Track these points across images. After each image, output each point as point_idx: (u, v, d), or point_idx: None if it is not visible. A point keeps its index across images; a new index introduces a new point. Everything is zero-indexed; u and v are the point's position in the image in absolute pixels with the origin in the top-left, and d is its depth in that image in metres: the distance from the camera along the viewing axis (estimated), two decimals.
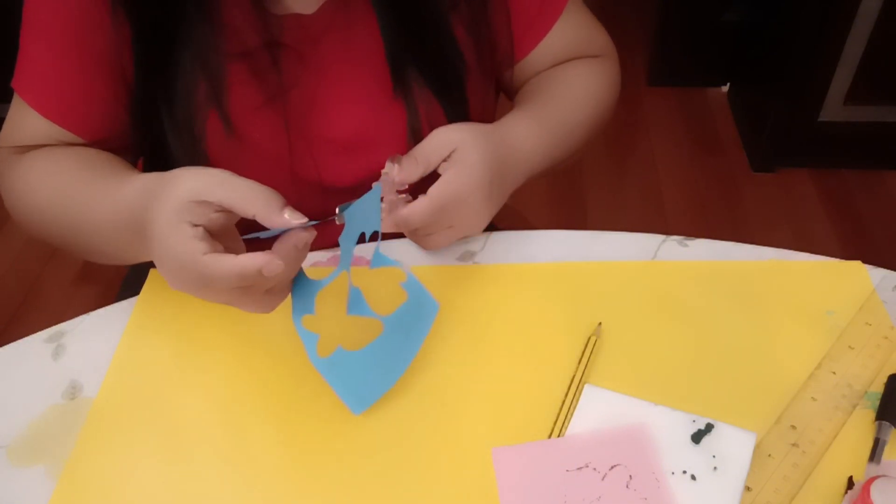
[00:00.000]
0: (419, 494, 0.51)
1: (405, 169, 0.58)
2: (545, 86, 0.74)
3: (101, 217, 0.58)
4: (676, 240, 0.68)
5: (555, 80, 0.74)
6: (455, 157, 0.59)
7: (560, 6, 0.73)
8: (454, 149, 0.60)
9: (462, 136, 0.60)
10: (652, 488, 0.50)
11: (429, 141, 0.60)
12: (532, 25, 0.73)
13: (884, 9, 1.60)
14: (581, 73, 0.75)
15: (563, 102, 0.72)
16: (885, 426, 0.53)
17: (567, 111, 0.72)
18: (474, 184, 0.59)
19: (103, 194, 0.59)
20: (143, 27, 0.62)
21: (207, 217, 0.49)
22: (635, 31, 2.40)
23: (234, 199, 0.49)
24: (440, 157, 0.60)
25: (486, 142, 0.61)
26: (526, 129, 0.67)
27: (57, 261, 1.75)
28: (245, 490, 0.52)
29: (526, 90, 0.75)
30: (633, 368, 0.58)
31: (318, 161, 0.68)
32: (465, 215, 0.61)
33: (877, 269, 0.65)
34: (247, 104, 0.65)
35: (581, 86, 0.75)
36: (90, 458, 0.54)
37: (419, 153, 0.59)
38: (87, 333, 0.62)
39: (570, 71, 0.75)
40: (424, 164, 0.59)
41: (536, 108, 0.71)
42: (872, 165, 1.90)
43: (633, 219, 1.82)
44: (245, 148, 0.66)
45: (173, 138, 0.65)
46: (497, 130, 0.64)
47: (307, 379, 0.58)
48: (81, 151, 0.66)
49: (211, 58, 0.63)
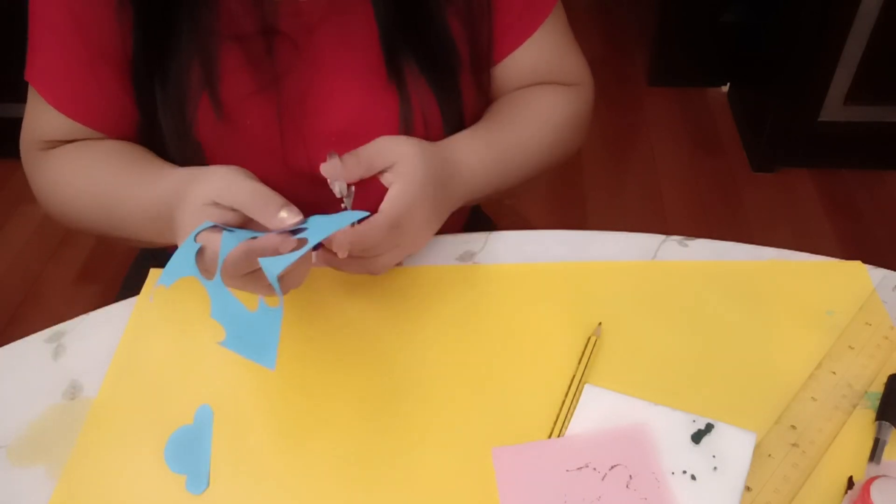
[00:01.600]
0: (419, 494, 0.51)
1: (347, 166, 0.58)
2: (506, 106, 0.73)
3: (135, 210, 0.62)
4: (676, 240, 0.68)
5: (515, 103, 0.74)
6: (399, 171, 0.59)
7: (540, 17, 0.72)
8: (396, 161, 0.59)
9: (406, 151, 0.60)
10: (652, 488, 0.50)
11: (373, 146, 0.60)
12: (512, 29, 0.72)
13: (884, 9, 1.60)
14: (545, 98, 0.74)
15: (517, 127, 0.71)
16: (885, 426, 0.53)
17: (520, 136, 0.71)
18: (419, 200, 0.59)
19: (136, 188, 0.63)
20: (143, 6, 0.63)
21: (224, 217, 0.53)
22: (635, 31, 2.41)
23: (241, 201, 0.52)
24: (382, 164, 0.59)
25: (429, 159, 0.61)
26: (472, 149, 0.67)
27: (57, 261, 1.75)
28: (245, 489, 0.52)
29: (490, 109, 0.74)
30: (633, 368, 0.58)
31: (310, 151, 0.69)
32: (411, 232, 0.60)
33: (877, 269, 0.65)
34: (240, 90, 0.65)
35: (542, 111, 0.73)
36: (90, 458, 0.54)
37: (362, 154, 0.59)
38: (87, 333, 0.62)
39: (534, 94, 0.74)
40: (366, 166, 0.59)
41: (489, 129, 0.70)
42: (872, 165, 1.89)
43: (633, 219, 1.82)
44: (237, 134, 0.66)
45: (165, 119, 0.66)
46: (441, 149, 0.64)
47: (307, 379, 0.58)
48: (111, 145, 0.68)
49: (206, 40, 0.63)
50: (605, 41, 2.37)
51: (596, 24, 2.45)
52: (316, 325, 0.62)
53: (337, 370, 0.59)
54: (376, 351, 0.60)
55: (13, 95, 1.05)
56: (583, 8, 2.49)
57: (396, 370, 0.59)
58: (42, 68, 0.66)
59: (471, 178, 0.67)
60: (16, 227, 1.84)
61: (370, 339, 0.61)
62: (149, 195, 0.61)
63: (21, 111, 0.70)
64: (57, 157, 0.68)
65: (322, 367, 0.59)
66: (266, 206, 0.52)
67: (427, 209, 0.60)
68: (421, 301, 0.64)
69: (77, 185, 0.67)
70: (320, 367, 0.59)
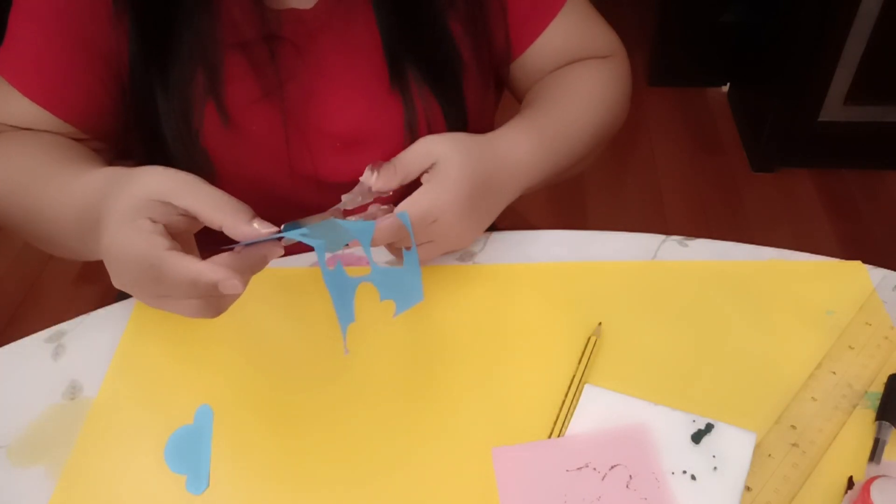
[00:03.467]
0: (419, 494, 0.51)
1: (383, 177, 0.56)
2: (548, 90, 0.72)
3: (56, 206, 0.57)
4: (676, 240, 0.68)
5: (558, 84, 0.72)
6: (435, 171, 0.58)
7: (559, 2, 0.72)
8: (435, 161, 0.58)
9: (444, 149, 0.58)
10: (652, 488, 0.50)
11: (411, 150, 0.58)
12: (528, 20, 0.72)
13: (884, 9, 1.60)
14: (587, 75, 0.73)
15: (566, 108, 0.70)
16: (885, 426, 0.53)
17: (570, 117, 0.70)
18: (449, 200, 0.58)
19: (61, 182, 0.57)
20: (142, 15, 0.62)
21: (169, 217, 0.48)
22: (635, 31, 2.40)
23: (201, 206, 0.48)
24: (420, 168, 0.58)
25: (470, 156, 0.59)
26: (523, 139, 0.65)
27: (57, 261, 1.75)
28: (245, 489, 0.52)
29: (529, 96, 0.74)
30: (633, 368, 0.58)
31: (315, 156, 0.68)
32: (443, 232, 0.59)
33: (877, 269, 0.65)
34: (244, 97, 0.65)
35: (587, 88, 0.72)
36: (90, 458, 0.54)
37: (399, 162, 0.58)
38: (87, 333, 0.62)
39: (574, 73, 0.73)
40: (403, 174, 0.57)
41: (537, 115, 0.68)
42: (872, 165, 1.90)
43: (633, 219, 1.82)
44: (242, 141, 0.66)
45: (169, 129, 0.64)
46: (489, 142, 0.63)
47: (307, 379, 0.58)
48: (49, 138, 0.64)
49: (209, 48, 0.63)
50: None
51: None
52: (316, 326, 0.62)
53: (336, 370, 0.59)
54: (376, 351, 0.60)
55: None
56: None
57: (396, 370, 0.59)
58: (15, 54, 0.63)
59: (520, 170, 0.65)
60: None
61: (370, 339, 0.61)
62: (73, 188, 0.55)
63: None
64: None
65: (322, 367, 0.59)
66: (236, 214, 0.48)
67: (461, 208, 0.59)
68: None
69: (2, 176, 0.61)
70: (319, 367, 0.59)
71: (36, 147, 0.62)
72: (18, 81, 0.63)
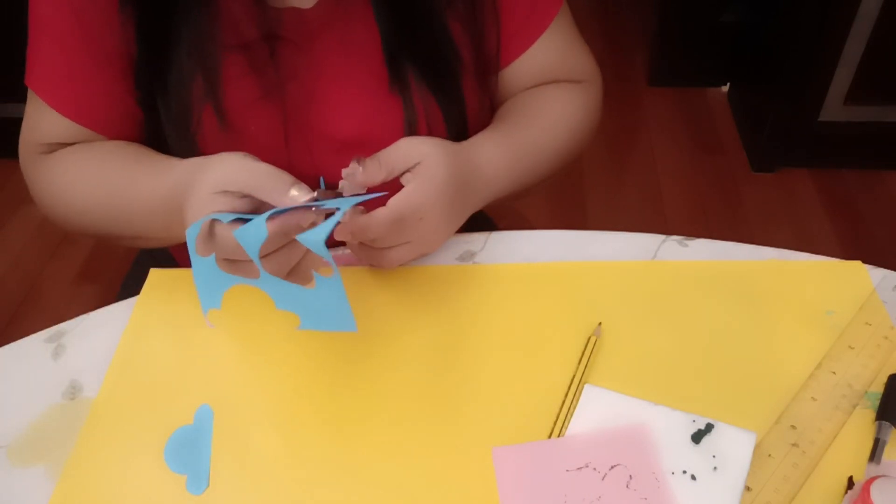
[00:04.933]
0: (419, 494, 0.51)
1: (367, 171, 0.57)
2: (520, 107, 0.73)
3: (143, 205, 0.63)
4: (676, 240, 0.68)
5: (530, 103, 0.74)
6: (419, 170, 0.59)
7: (548, 18, 0.72)
8: (419, 161, 0.59)
9: (429, 150, 0.59)
10: (652, 488, 0.50)
11: (395, 148, 0.59)
12: (518, 33, 0.72)
13: (884, 9, 1.60)
14: (559, 98, 0.74)
15: (535, 127, 0.71)
16: (885, 426, 0.53)
17: (538, 136, 0.71)
18: (435, 200, 0.59)
19: (144, 183, 0.63)
20: (145, 16, 0.63)
21: (232, 205, 0.53)
22: (635, 31, 2.41)
23: (250, 185, 0.53)
24: (405, 166, 0.59)
25: (452, 160, 0.60)
26: (493, 151, 0.67)
27: (57, 261, 1.75)
28: (245, 489, 0.52)
29: (502, 111, 0.75)
30: (633, 368, 0.58)
31: (315, 156, 0.69)
32: (423, 231, 0.60)
33: (877, 269, 0.65)
34: (244, 98, 0.65)
35: (557, 111, 0.74)
36: (90, 458, 0.54)
37: (384, 157, 0.58)
38: (87, 333, 0.62)
39: (547, 94, 0.74)
40: (387, 170, 0.58)
41: (508, 130, 0.70)
42: (872, 165, 1.90)
43: (632, 219, 1.82)
44: (242, 142, 0.66)
45: (169, 129, 0.66)
46: (464, 150, 0.64)
47: (307, 379, 0.58)
48: (114, 144, 0.68)
49: (208, 48, 0.63)
50: (605, 41, 2.38)
51: (596, 24, 2.45)
52: None
53: (336, 370, 0.59)
54: (376, 350, 0.60)
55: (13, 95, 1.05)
56: (583, 8, 2.49)
57: (396, 370, 0.59)
58: (43, 71, 0.66)
59: (491, 179, 0.66)
60: (16, 227, 1.85)
61: (370, 339, 0.61)
62: (156, 189, 0.61)
63: (21, 111, 0.69)
64: (59, 160, 0.68)
65: (322, 367, 0.59)
66: (276, 186, 0.52)
67: (443, 209, 0.60)
68: (421, 301, 0.64)
69: (83, 187, 0.66)
70: (320, 367, 0.59)
71: (107, 154, 0.67)
72: (53, 99, 0.66)
